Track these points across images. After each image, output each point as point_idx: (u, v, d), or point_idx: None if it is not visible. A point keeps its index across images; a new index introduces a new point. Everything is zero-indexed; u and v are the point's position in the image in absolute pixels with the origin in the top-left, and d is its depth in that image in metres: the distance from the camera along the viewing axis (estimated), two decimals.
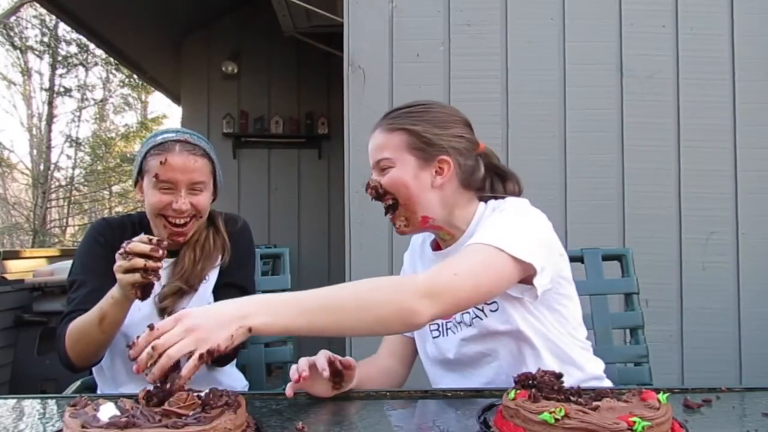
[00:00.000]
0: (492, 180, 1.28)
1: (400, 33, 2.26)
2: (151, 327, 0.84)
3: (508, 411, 0.80)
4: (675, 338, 2.20)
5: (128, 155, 13.74)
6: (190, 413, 0.76)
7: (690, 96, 2.25)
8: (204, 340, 0.82)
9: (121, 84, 14.09)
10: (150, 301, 1.38)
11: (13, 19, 12.24)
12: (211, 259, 1.46)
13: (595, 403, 0.78)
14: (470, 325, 1.19)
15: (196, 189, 1.38)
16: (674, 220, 2.24)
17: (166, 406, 0.77)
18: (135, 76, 9.74)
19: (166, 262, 1.43)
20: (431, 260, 1.29)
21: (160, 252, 1.15)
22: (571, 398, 0.81)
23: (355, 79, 2.25)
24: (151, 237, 1.16)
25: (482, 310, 1.17)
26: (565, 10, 2.27)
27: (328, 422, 0.94)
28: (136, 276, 1.15)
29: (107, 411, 0.76)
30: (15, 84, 13.27)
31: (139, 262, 1.13)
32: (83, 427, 0.72)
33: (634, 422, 0.72)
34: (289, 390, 1.04)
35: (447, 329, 1.24)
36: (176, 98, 5.91)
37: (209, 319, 0.84)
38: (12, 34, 12.31)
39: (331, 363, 1.09)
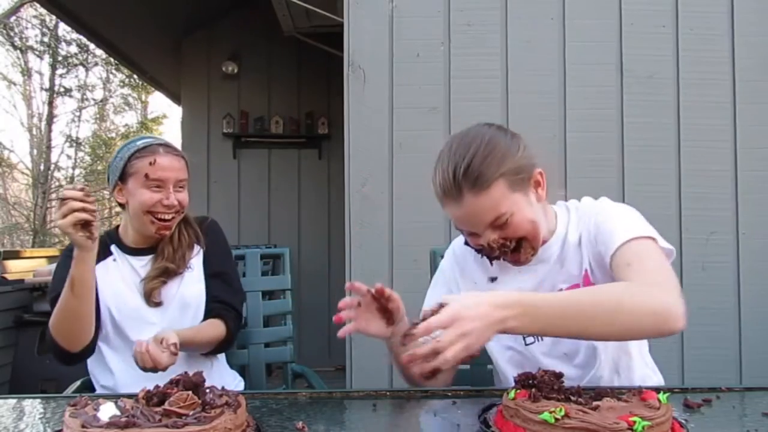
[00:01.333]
0: None
1: (400, 33, 2.26)
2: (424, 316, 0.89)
3: (509, 411, 0.80)
4: (675, 338, 2.20)
5: None
6: (190, 413, 0.76)
7: (690, 96, 2.25)
8: (473, 341, 0.87)
9: (122, 84, 14.08)
10: (136, 290, 1.50)
11: (13, 19, 12.23)
12: (190, 248, 1.57)
13: (595, 403, 0.79)
14: None
15: (181, 187, 1.52)
16: (674, 220, 2.24)
17: (166, 406, 0.77)
18: (135, 76, 9.73)
19: (144, 260, 1.54)
20: (513, 272, 1.22)
21: (91, 197, 1.26)
22: (571, 398, 0.81)
23: (355, 79, 2.25)
24: (75, 185, 1.27)
25: None
26: (565, 10, 2.27)
27: (328, 422, 0.93)
28: (76, 215, 1.24)
29: (107, 411, 0.76)
30: (15, 84, 13.27)
31: (76, 204, 1.23)
32: (83, 426, 0.72)
33: (634, 422, 0.72)
34: (341, 333, 1.12)
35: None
36: (176, 98, 5.91)
37: (477, 321, 0.87)
38: (12, 34, 12.31)
39: (376, 299, 1.15)
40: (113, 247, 1.55)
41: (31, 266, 4.18)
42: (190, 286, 1.54)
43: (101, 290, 1.47)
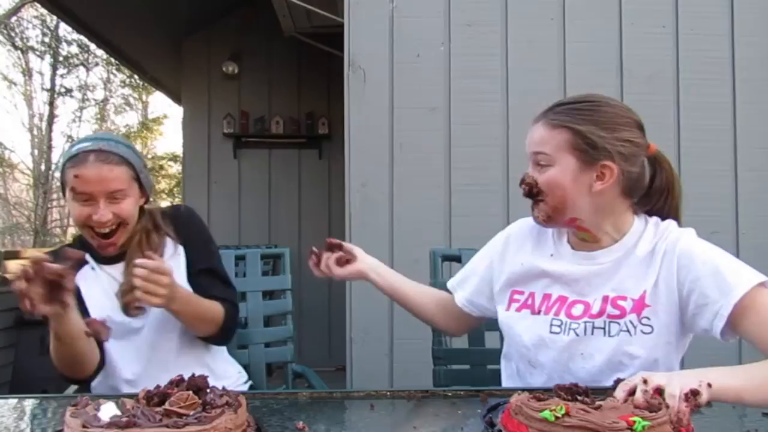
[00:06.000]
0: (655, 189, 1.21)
1: (400, 33, 2.26)
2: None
3: (513, 408, 0.81)
4: None
5: None
6: (191, 413, 0.76)
7: (690, 96, 2.25)
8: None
9: (122, 84, 14.11)
10: (109, 298, 1.40)
11: (14, 19, 12.25)
12: (164, 252, 1.46)
13: (597, 402, 0.79)
14: (612, 336, 1.13)
15: (116, 197, 1.35)
16: None
17: (166, 406, 0.77)
18: (136, 77, 9.74)
19: (118, 269, 1.43)
20: (569, 255, 1.22)
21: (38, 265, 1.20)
22: (578, 397, 0.81)
23: (355, 79, 2.25)
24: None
25: (635, 326, 1.12)
26: (565, 10, 2.27)
27: (328, 422, 0.94)
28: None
29: (108, 411, 0.76)
30: (16, 84, 13.29)
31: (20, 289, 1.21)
32: (84, 426, 0.72)
33: (635, 422, 0.72)
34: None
35: (570, 329, 1.16)
36: (177, 98, 5.91)
37: (677, 377, 0.87)
38: (13, 34, 12.33)
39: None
40: (88, 255, 1.44)
41: None
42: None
43: (88, 305, 1.39)
